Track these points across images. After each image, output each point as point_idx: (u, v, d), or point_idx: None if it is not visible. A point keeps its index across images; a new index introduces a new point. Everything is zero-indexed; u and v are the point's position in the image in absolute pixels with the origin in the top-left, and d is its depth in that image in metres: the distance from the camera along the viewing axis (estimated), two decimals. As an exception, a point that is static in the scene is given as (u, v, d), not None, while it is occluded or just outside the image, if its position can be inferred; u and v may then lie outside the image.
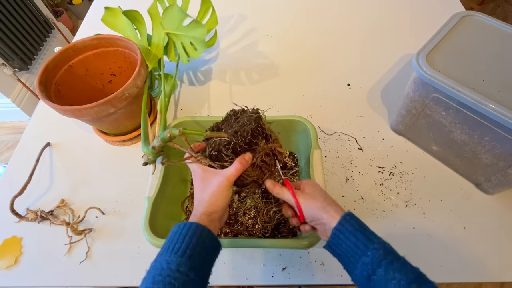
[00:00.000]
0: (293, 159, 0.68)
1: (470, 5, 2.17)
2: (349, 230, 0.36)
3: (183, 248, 0.35)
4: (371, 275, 0.33)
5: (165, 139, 0.49)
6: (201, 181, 0.43)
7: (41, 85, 0.61)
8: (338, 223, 0.37)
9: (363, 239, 0.35)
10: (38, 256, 0.59)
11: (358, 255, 0.35)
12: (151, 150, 0.53)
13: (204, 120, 0.62)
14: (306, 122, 0.59)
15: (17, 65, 1.59)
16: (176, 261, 0.34)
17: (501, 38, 0.56)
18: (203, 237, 0.37)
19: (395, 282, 0.31)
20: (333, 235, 0.37)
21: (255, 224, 0.60)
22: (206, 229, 0.38)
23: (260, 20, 1.00)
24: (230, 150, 0.44)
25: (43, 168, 0.70)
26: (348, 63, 0.87)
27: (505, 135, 0.49)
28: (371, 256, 0.34)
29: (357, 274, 0.35)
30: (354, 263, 0.35)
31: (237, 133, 0.45)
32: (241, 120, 0.48)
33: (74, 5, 2.12)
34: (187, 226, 0.37)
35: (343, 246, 0.36)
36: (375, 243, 0.35)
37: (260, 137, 0.46)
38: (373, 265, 0.33)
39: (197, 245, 0.36)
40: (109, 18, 0.72)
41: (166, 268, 0.33)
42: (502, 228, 0.58)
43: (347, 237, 0.36)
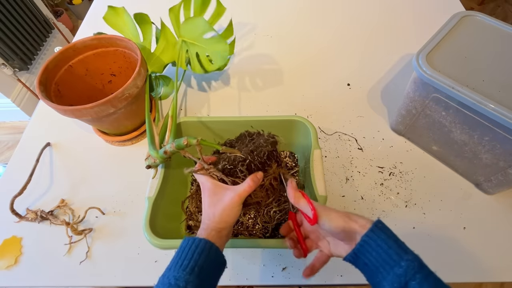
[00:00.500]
0: (293, 159, 0.68)
1: (470, 5, 2.17)
2: (382, 237, 0.34)
3: (191, 265, 0.35)
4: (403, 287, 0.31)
5: (180, 146, 0.48)
6: (211, 195, 0.43)
7: (41, 85, 0.61)
8: (369, 229, 0.35)
9: (396, 248, 0.33)
10: (38, 256, 0.59)
11: (390, 265, 0.33)
12: (162, 155, 0.52)
13: (207, 121, 0.61)
14: (306, 122, 0.59)
15: (17, 65, 1.59)
16: (184, 278, 0.34)
17: (501, 38, 0.56)
18: (211, 255, 0.37)
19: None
20: (362, 242, 0.35)
21: (255, 224, 0.60)
22: (214, 246, 0.38)
23: (260, 20, 1.00)
24: (245, 167, 0.45)
25: (43, 168, 0.70)
26: (348, 63, 0.87)
27: (505, 135, 0.49)
28: (405, 267, 0.32)
29: (385, 286, 0.33)
30: (383, 274, 0.33)
31: (253, 152, 0.46)
32: (257, 141, 0.49)
33: (74, 5, 2.12)
34: (196, 242, 0.37)
35: (372, 254, 0.34)
36: (408, 254, 0.33)
37: (273, 160, 0.48)
38: (406, 277, 0.31)
39: (205, 263, 0.36)
40: (111, 17, 0.72)
41: (174, 284, 0.34)
42: (502, 228, 0.58)
43: (379, 244, 0.34)
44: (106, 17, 0.72)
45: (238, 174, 0.45)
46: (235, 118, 0.62)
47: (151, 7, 0.70)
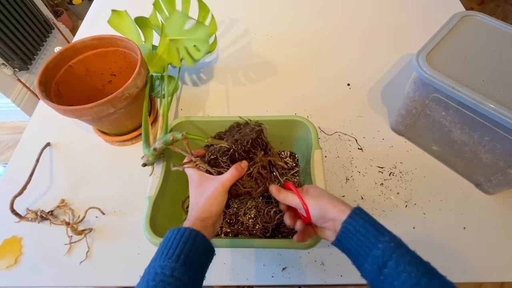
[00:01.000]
0: (293, 159, 0.68)
1: (470, 5, 2.17)
2: (360, 223, 0.36)
3: (177, 253, 0.35)
4: (381, 268, 0.33)
5: (167, 142, 0.50)
6: (197, 186, 0.44)
7: (41, 85, 0.61)
8: (348, 216, 0.37)
9: (374, 231, 0.35)
10: (38, 256, 0.59)
11: (369, 248, 0.34)
12: (152, 152, 0.53)
13: (205, 120, 0.62)
14: (307, 122, 0.59)
15: (17, 65, 1.59)
16: (170, 266, 0.34)
17: (501, 38, 0.56)
18: (197, 243, 0.37)
19: (406, 274, 0.31)
20: (343, 229, 0.37)
21: (256, 224, 0.60)
22: (200, 234, 0.38)
23: (260, 20, 1.00)
24: (228, 157, 0.45)
25: (43, 168, 0.70)
26: (348, 63, 0.87)
27: (505, 135, 0.49)
28: (382, 249, 0.33)
29: (367, 267, 0.34)
30: (364, 257, 0.35)
31: (237, 141, 0.46)
32: (244, 130, 0.48)
33: (74, 5, 2.12)
34: (181, 232, 0.37)
35: (353, 239, 0.36)
36: (385, 236, 0.34)
37: (259, 148, 0.47)
38: (384, 257, 0.33)
39: (191, 251, 0.36)
40: (115, 20, 0.73)
41: (160, 273, 0.34)
42: (502, 228, 0.58)
43: (358, 230, 0.35)
44: (110, 20, 0.73)
45: (222, 165, 0.45)
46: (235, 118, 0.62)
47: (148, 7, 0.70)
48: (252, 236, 0.59)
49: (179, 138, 0.47)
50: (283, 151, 0.69)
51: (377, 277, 0.33)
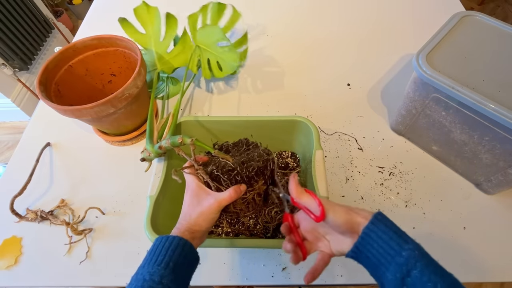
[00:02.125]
0: (294, 160, 0.68)
1: (470, 5, 2.17)
2: (382, 229, 0.34)
3: (166, 261, 0.36)
4: (405, 277, 0.31)
5: (175, 144, 0.50)
6: (192, 195, 0.44)
7: (41, 85, 0.61)
8: (370, 222, 0.34)
9: (397, 238, 0.33)
10: (38, 256, 0.59)
11: (391, 256, 0.32)
12: (157, 149, 0.53)
13: (207, 120, 0.61)
14: (308, 122, 0.58)
15: (17, 65, 1.59)
16: (159, 273, 0.34)
17: (501, 38, 0.56)
18: (185, 251, 0.38)
19: (431, 285, 0.30)
20: (363, 235, 0.34)
21: (257, 224, 0.60)
22: (188, 243, 0.38)
23: (260, 19, 1.00)
24: (231, 177, 0.45)
25: (43, 168, 0.70)
26: (348, 63, 0.87)
27: (505, 135, 0.49)
28: (406, 257, 0.32)
29: (388, 276, 0.32)
30: (386, 265, 0.33)
31: (244, 164, 0.46)
32: (252, 153, 0.49)
33: (74, 5, 2.12)
34: (169, 240, 0.38)
35: (374, 246, 0.34)
36: (409, 244, 0.33)
37: (261, 177, 0.48)
38: (408, 266, 0.31)
39: (179, 258, 0.37)
40: (142, 11, 0.74)
41: (149, 279, 0.34)
42: (502, 228, 0.58)
43: (380, 236, 0.33)
44: (137, 9, 0.73)
45: (222, 182, 0.46)
46: (237, 118, 0.62)
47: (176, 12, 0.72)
48: (253, 236, 0.59)
49: (188, 143, 0.47)
50: (284, 151, 0.69)
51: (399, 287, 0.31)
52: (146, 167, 0.56)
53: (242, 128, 0.61)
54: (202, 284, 0.55)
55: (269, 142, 0.65)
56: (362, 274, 0.54)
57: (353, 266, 0.55)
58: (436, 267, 0.31)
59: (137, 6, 0.73)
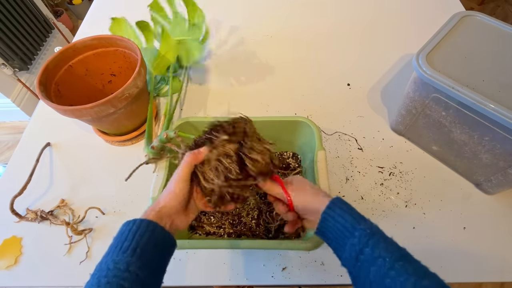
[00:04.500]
0: (296, 160, 0.68)
1: (470, 5, 2.17)
2: (338, 213, 0.37)
3: (132, 247, 0.33)
4: (358, 254, 0.33)
5: (162, 140, 0.51)
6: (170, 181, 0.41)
7: (41, 85, 0.61)
8: (327, 207, 0.37)
9: (351, 220, 0.36)
10: (38, 256, 0.59)
11: (347, 236, 0.35)
12: (150, 150, 0.54)
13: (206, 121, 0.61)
14: (310, 123, 0.58)
15: (17, 65, 1.59)
16: (125, 260, 0.32)
17: (501, 38, 0.56)
18: (155, 235, 0.35)
19: (381, 260, 0.32)
20: (322, 219, 0.37)
21: (259, 225, 0.60)
22: (158, 226, 0.35)
23: (259, 19, 1.00)
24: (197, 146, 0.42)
25: (43, 168, 0.70)
26: (348, 63, 0.87)
27: (505, 135, 0.49)
28: (358, 237, 0.34)
29: (346, 256, 0.35)
30: (343, 246, 0.35)
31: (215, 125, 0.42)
32: None
33: (74, 5, 2.12)
34: (137, 223, 0.35)
35: (333, 229, 0.36)
36: (361, 224, 0.35)
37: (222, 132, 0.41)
38: (360, 245, 0.33)
39: (148, 244, 0.34)
40: (115, 27, 0.76)
41: (113, 268, 0.31)
42: (502, 228, 0.58)
43: (336, 220, 0.36)
44: (111, 28, 0.76)
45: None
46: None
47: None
48: (255, 237, 0.59)
49: (172, 136, 0.50)
50: (286, 152, 0.69)
51: (355, 265, 0.33)
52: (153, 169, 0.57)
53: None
54: (202, 284, 0.55)
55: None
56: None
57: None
58: (388, 244, 0.33)
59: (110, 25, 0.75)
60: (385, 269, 0.31)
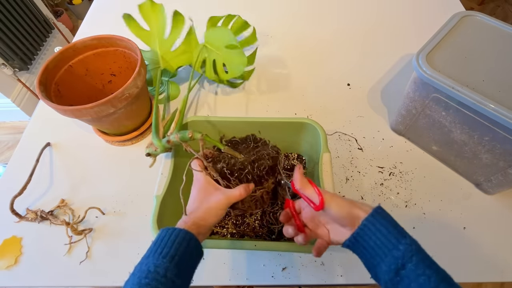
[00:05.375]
0: (301, 161, 0.67)
1: (470, 5, 2.17)
2: (381, 222, 0.35)
3: (171, 254, 0.35)
4: (400, 269, 0.32)
5: (184, 138, 0.49)
6: (200, 189, 0.44)
7: (41, 85, 0.61)
8: (370, 214, 0.36)
9: (395, 233, 0.34)
10: (38, 256, 0.59)
11: (388, 248, 0.34)
12: (165, 144, 0.52)
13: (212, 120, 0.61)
14: (316, 125, 0.58)
15: (17, 65, 1.59)
16: (164, 265, 0.34)
17: (501, 38, 0.56)
18: (191, 245, 0.37)
19: (425, 278, 0.31)
20: (362, 226, 0.36)
21: (262, 226, 0.60)
22: (194, 237, 0.38)
23: (259, 19, 1.00)
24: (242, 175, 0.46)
25: (43, 168, 0.70)
26: (348, 63, 0.87)
27: (505, 135, 0.49)
28: (403, 250, 0.33)
29: (383, 267, 0.34)
30: (381, 257, 0.34)
31: (255, 163, 0.46)
32: (261, 151, 0.49)
33: (74, 5, 2.12)
34: (176, 232, 0.37)
35: (372, 238, 0.35)
36: (407, 238, 0.34)
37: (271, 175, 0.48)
38: (404, 259, 0.32)
39: (185, 252, 0.36)
40: (147, 8, 0.73)
41: (154, 271, 0.33)
42: (502, 228, 0.58)
43: (378, 229, 0.35)
44: (141, 6, 0.72)
45: (231, 180, 0.46)
46: (242, 119, 0.62)
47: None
48: (257, 237, 0.59)
49: (198, 138, 0.47)
50: (291, 153, 0.69)
51: (393, 278, 0.33)
52: (150, 163, 0.55)
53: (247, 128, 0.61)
54: (202, 284, 0.55)
55: (274, 143, 0.65)
56: (362, 274, 0.54)
57: (353, 266, 0.55)
58: (431, 262, 0.33)
59: (142, 3, 0.72)
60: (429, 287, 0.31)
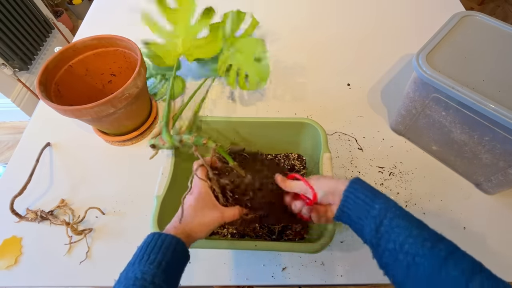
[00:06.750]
0: (301, 162, 0.68)
1: (470, 5, 2.17)
2: (358, 189, 0.38)
3: (158, 260, 0.35)
4: (379, 226, 0.35)
5: (198, 143, 0.48)
6: (198, 199, 0.43)
7: (41, 85, 0.61)
8: (348, 185, 0.39)
9: (371, 195, 0.37)
10: (38, 256, 0.59)
11: (367, 210, 0.36)
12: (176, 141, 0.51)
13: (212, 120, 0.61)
14: (316, 125, 0.58)
15: (17, 65, 1.59)
16: (152, 272, 0.34)
17: (501, 38, 0.56)
18: (178, 250, 0.37)
19: (400, 228, 0.33)
20: (344, 197, 0.38)
21: (262, 226, 0.60)
22: (181, 241, 0.38)
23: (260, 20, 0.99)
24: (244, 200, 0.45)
25: (43, 168, 0.70)
26: (348, 63, 0.87)
27: (505, 135, 0.49)
28: (378, 209, 0.35)
29: (366, 229, 0.36)
30: (363, 219, 0.36)
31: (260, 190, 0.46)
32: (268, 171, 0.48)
33: (74, 5, 2.12)
34: (162, 237, 0.37)
35: (354, 206, 0.37)
36: (381, 198, 0.37)
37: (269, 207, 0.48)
38: (380, 216, 0.35)
39: (172, 257, 0.36)
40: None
41: (141, 278, 0.33)
42: (502, 228, 0.58)
43: (357, 196, 0.37)
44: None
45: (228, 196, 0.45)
46: (243, 119, 0.62)
47: None
48: (258, 237, 0.59)
49: (211, 146, 0.46)
50: (291, 153, 0.69)
51: (375, 236, 0.35)
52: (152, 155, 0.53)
53: (248, 129, 0.61)
54: (202, 284, 0.55)
55: (275, 143, 0.65)
56: (362, 274, 0.54)
57: (353, 266, 0.55)
58: (404, 214, 0.35)
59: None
60: (404, 236, 0.33)
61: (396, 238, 0.33)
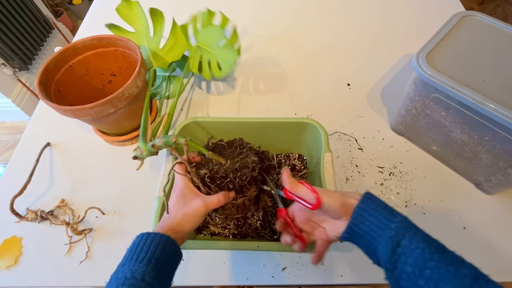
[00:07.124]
0: (302, 162, 0.67)
1: (470, 5, 2.17)
2: (372, 207, 0.36)
3: (148, 258, 0.35)
4: (395, 247, 0.33)
5: (168, 143, 0.49)
6: (181, 194, 0.43)
7: (41, 85, 0.61)
8: (360, 201, 0.36)
9: (386, 213, 0.35)
10: (38, 256, 0.59)
11: (382, 229, 0.34)
12: (149, 148, 0.53)
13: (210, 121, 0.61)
14: (317, 125, 0.58)
15: (17, 65, 1.59)
16: (142, 270, 0.34)
17: (501, 38, 0.56)
18: (167, 247, 0.37)
19: (419, 251, 0.31)
20: (355, 214, 0.36)
21: (264, 226, 0.60)
22: (170, 238, 0.38)
23: (260, 20, 1.00)
24: (223, 184, 0.45)
25: (43, 168, 0.70)
26: (348, 63, 0.87)
27: (505, 135, 0.49)
28: (395, 229, 0.33)
29: (381, 250, 0.34)
30: (378, 239, 0.34)
31: (238, 171, 0.46)
32: (245, 159, 0.48)
33: (74, 5, 2.12)
34: (151, 237, 0.37)
35: (366, 223, 0.35)
36: (397, 217, 0.35)
37: (253, 184, 0.48)
38: (397, 237, 0.33)
39: (162, 254, 0.36)
40: (124, 9, 0.73)
41: (131, 277, 0.33)
42: (502, 228, 0.58)
43: (370, 213, 0.35)
44: (119, 8, 0.73)
45: (212, 188, 0.46)
46: (243, 120, 0.62)
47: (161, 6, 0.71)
48: (259, 238, 0.59)
49: (182, 143, 0.47)
50: (292, 153, 0.69)
51: (391, 258, 0.33)
52: (138, 166, 0.56)
53: (248, 129, 0.61)
54: (202, 284, 0.55)
55: (276, 143, 0.65)
56: (362, 274, 0.54)
57: (353, 266, 0.55)
58: (423, 235, 0.33)
59: (118, 5, 0.72)
60: (424, 260, 0.31)
61: (415, 261, 0.31)
